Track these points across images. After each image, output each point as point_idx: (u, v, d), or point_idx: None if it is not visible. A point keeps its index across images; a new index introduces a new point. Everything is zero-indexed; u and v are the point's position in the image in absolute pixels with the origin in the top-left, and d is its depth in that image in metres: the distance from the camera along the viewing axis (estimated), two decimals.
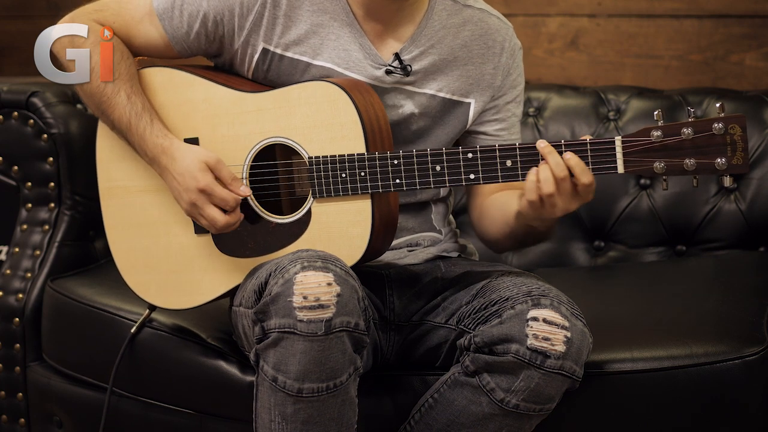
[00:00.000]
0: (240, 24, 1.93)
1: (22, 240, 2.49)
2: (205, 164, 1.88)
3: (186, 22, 1.94)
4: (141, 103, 1.93)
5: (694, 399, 1.94)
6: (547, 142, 1.75)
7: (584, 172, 1.74)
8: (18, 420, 2.44)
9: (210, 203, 1.88)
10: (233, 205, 1.89)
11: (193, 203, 1.89)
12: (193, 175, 1.88)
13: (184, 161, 1.89)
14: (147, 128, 1.92)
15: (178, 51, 1.98)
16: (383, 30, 1.95)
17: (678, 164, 1.71)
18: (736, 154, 1.69)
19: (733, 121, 1.68)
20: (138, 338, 2.13)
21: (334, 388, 1.74)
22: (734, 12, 2.89)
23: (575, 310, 1.81)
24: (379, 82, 1.94)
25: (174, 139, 1.92)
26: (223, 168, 1.89)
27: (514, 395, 1.78)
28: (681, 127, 1.70)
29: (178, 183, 1.90)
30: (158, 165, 1.93)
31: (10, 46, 3.47)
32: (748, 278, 2.36)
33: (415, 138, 1.99)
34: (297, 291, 1.71)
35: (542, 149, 1.75)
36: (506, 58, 2.01)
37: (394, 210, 1.90)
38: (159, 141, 1.92)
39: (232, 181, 1.89)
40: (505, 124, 2.02)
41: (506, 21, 2.03)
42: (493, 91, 2.00)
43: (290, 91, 1.90)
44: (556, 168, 1.74)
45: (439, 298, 1.97)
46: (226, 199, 1.88)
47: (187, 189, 1.89)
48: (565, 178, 1.74)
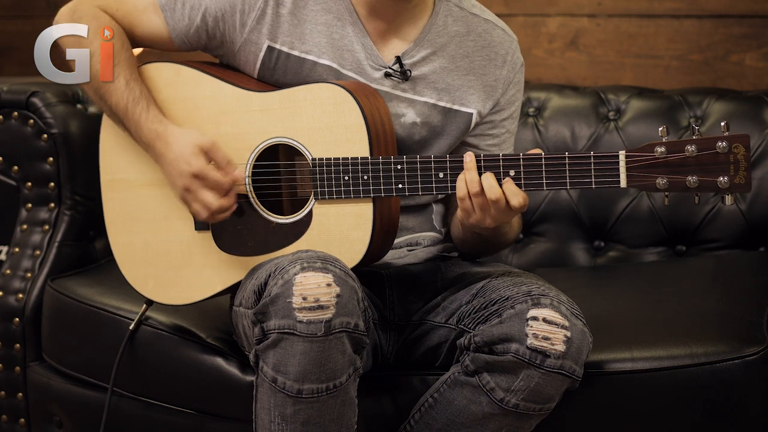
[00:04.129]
0: (242, 21, 1.93)
1: (22, 240, 2.49)
2: (199, 148, 1.87)
3: (187, 15, 1.94)
4: (139, 89, 1.93)
5: (694, 399, 1.94)
6: (472, 156, 1.78)
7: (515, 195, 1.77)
8: (18, 420, 2.44)
9: (203, 187, 1.87)
10: (227, 188, 1.88)
11: (187, 188, 1.88)
12: (186, 160, 1.87)
13: (177, 145, 1.88)
14: (143, 114, 1.92)
15: (178, 44, 1.98)
16: (386, 30, 1.95)
17: (680, 181, 1.71)
18: (738, 173, 1.69)
19: (736, 141, 1.68)
20: (138, 338, 2.13)
21: (334, 388, 1.74)
22: (734, 12, 2.89)
23: (575, 309, 1.81)
24: (378, 84, 1.94)
25: (169, 125, 1.92)
26: (217, 151, 1.88)
27: (514, 395, 1.78)
28: (685, 144, 1.70)
29: (172, 168, 1.89)
30: (153, 151, 1.92)
31: (10, 46, 3.47)
32: (748, 278, 2.36)
33: (418, 148, 1.99)
34: (296, 292, 1.71)
35: (466, 163, 1.79)
36: (507, 71, 2.00)
37: (395, 215, 1.90)
38: (154, 126, 1.91)
39: (226, 165, 1.89)
40: (497, 140, 2.02)
41: (511, 34, 2.03)
42: (492, 103, 2.00)
43: (296, 92, 1.90)
44: (470, 184, 1.78)
45: (439, 297, 1.97)
46: (220, 182, 1.87)
47: (181, 173, 1.88)
48: (477, 193, 1.77)
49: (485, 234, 1.91)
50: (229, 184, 1.88)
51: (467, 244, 2.01)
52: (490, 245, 2.01)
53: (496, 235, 1.94)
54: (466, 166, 1.78)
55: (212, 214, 1.88)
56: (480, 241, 1.97)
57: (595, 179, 1.75)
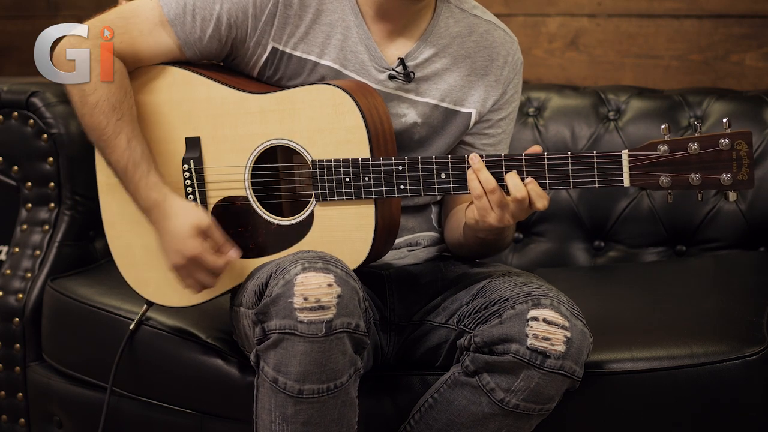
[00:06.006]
0: (253, 25, 1.92)
1: (22, 240, 2.49)
2: (197, 230, 1.86)
3: (199, 26, 1.92)
4: (141, 150, 1.90)
5: (694, 399, 1.94)
6: (478, 156, 1.78)
7: (540, 197, 1.77)
8: (18, 420, 2.44)
9: (198, 269, 1.88)
10: (221, 271, 1.88)
11: (181, 266, 1.88)
12: (184, 242, 1.86)
13: (176, 222, 1.87)
14: (142, 179, 1.89)
15: (189, 56, 1.95)
16: (391, 32, 1.95)
17: (683, 179, 1.71)
18: (741, 170, 1.69)
19: (739, 137, 1.68)
20: (138, 338, 2.13)
21: (335, 389, 1.74)
22: (734, 12, 2.89)
23: (575, 310, 1.81)
24: (382, 86, 1.94)
25: (168, 194, 1.89)
26: (215, 232, 1.87)
27: (514, 395, 1.78)
28: (687, 142, 1.70)
29: (167, 243, 1.89)
30: (150, 217, 1.91)
31: (10, 46, 3.47)
32: (748, 278, 2.36)
33: (417, 147, 1.99)
34: (297, 292, 1.71)
35: (474, 163, 1.78)
36: (508, 72, 2.01)
37: (396, 215, 1.90)
38: (152, 195, 1.89)
39: (222, 245, 1.88)
40: (492, 140, 2.02)
41: (512, 35, 2.03)
42: (492, 103, 2.00)
43: (295, 93, 1.89)
44: (486, 182, 1.77)
45: (439, 298, 1.97)
46: (216, 267, 1.87)
47: (177, 252, 1.87)
48: (493, 190, 1.76)
49: (490, 238, 1.90)
50: (223, 268, 1.88)
51: (466, 248, 2.00)
52: (490, 249, 2.00)
53: (500, 239, 1.93)
54: (475, 165, 1.78)
55: (200, 290, 1.91)
56: (480, 245, 1.96)
57: (598, 178, 1.75)
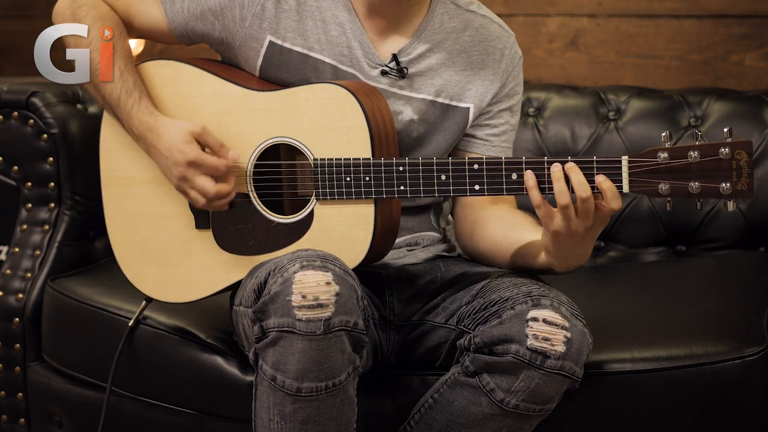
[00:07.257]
0: (241, 15, 1.93)
1: (22, 240, 2.49)
2: (191, 134, 1.88)
3: (186, 8, 1.95)
4: (132, 80, 1.94)
5: (694, 399, 1.94)
6: (560, 166, 1.72)
7: (615, 197, 1.72)
8: (18, 420, 2.44)
9: (200, 174, 1.87)
10: (224, 171, 1.88)
11: (183, 177, 1.88)
12: (179, 149, 1.87)
13: (168, 135, 1.89)
14: (135, 105, 1.92)
15: (177, 36, 1.98)
16: (384, 28, 1.95)
17: (683, 187, 1.70)
18: (741, 179, 1.68)
19: (739, 147, 1.67)
20: (137, 337, 2.13)
21: (333, 387, 1.73)
22: (734, 12, 2.89)
23: (575, 310, 1.80)
24: (375, 82, 1.94)
25: (159, 116, 1.92)
26: (209, 136, 1.89)
27: (514, 395, 1.78)
28: (688, 150, 1.69)
29: (165, 158, 1.90)
30: (144, 142, 1.93)
31: (10, 46, 3.47)
32: (748, 278, 2.36)
33: (416, 145, 1.99)
34: (296, 290, 1.71)
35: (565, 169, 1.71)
36: (506, 65, 2.00)
37: (396, 216, 1.90)
38: (144, 118, 1.92)
39: (220, 148, 1.89)
40: (495, 130, 2.01)
41: (508, 30, 2.02)
42: (491, 96, 2.00)
43: (298, 91, 1.90)
44: (579, 186, 1.71)
45: (438, 298, 1.97)
46: (216, 166, 1.87)
47: (176, 163, 1.88)
48: (586, 198, 1.71)
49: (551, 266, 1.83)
50: (225, 166, 1.88)
51: (510, 266, 1.93)
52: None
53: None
54: (554, 176, 1.71)
55: (211, 199, 1.89)
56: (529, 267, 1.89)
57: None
